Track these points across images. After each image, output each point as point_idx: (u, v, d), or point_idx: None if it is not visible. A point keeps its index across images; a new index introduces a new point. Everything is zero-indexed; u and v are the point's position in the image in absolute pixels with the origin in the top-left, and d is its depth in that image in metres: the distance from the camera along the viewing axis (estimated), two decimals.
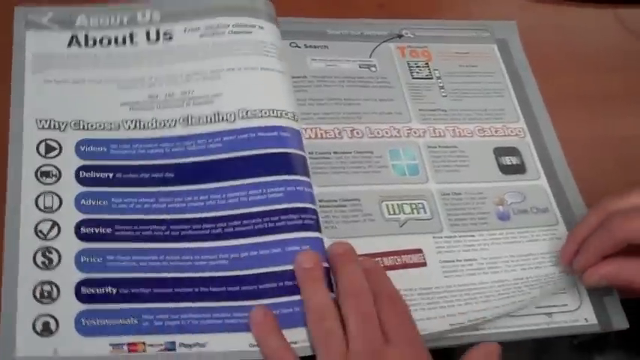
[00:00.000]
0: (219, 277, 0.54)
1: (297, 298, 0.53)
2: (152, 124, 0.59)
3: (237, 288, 0.53)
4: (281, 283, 0.54)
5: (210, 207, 0.56)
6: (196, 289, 0.53)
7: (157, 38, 0.63)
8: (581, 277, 0.58)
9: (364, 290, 0.53)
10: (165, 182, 0.57)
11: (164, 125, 0.59)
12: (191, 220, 0.55)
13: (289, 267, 0.54)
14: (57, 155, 0.57)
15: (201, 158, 0.58)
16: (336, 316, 0.52)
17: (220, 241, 0.55)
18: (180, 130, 0.59)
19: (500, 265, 0.60)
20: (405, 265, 0.59)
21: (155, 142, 0.58)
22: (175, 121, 0.59)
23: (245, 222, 0.55)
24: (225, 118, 0.59)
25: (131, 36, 0.63)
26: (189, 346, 0.51)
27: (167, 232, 0.54)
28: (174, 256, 0.54)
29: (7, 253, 0.53)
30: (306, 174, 0.58)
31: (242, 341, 0.52)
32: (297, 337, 0.52)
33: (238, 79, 0.61)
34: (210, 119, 0.59)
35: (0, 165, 0.56)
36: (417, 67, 0.70)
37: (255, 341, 0.52)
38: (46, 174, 0.56)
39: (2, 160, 0.56)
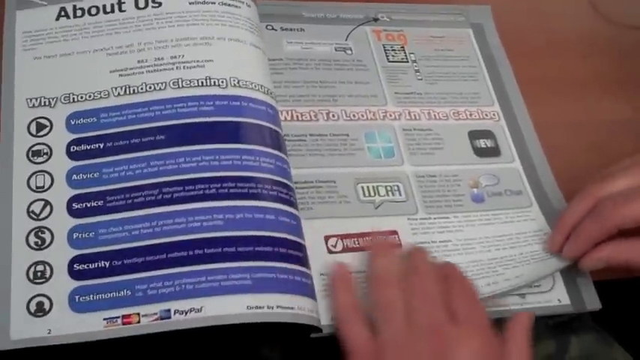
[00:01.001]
0: (214, 237, 0.54)
1: (293, 266, 0.55)
2: (142, 89, 0.59)
3: (234, 249, 0.53)
4: (276, 249, 0.54)
5: (203, 168, 0.56)
6: (191, 252, 0.53)
7: (146, 4, 0.63)
8: (578, 262, 0.59)
9: (427, 269, 0.54)
10: (156, 145, 0.57)
11: (154, 89, 0.59)
12: (184, 181, 0.55)
13: (285, 235, 0.55)
14: (48, 133, 0.57)
15: (193, 120, 0.58)
16: (399, 286, 0.53)
17: (214, 201, 0.55)
18: (170, 93, 0.59)
19: (474, 245, 0.62)
20: None
21: (145, 106, 0.58)
22: (165, 84, 0.59)
23: (239, 184, 0.56)
24: (216, 83, 0.59)
25: (119, 3, 0.63)
26: (185, 312, 0.51)
27: (159, 196, 0.55)
28: (167, 220, 0.54)
29: (0, 235, 0.54)
30: (287, 155, 0.60)
31: (239, 303, 0.52)
32: (294, 303, 0.53)
33: (229, 49, 0.62)
34: (202, 83, 0.59)
35: None
36: (393, 50, 0.71)
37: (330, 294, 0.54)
38: (37, 153, 0.57)
39: None
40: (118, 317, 0.51)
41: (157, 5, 0.63)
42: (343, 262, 0.56)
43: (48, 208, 0.55)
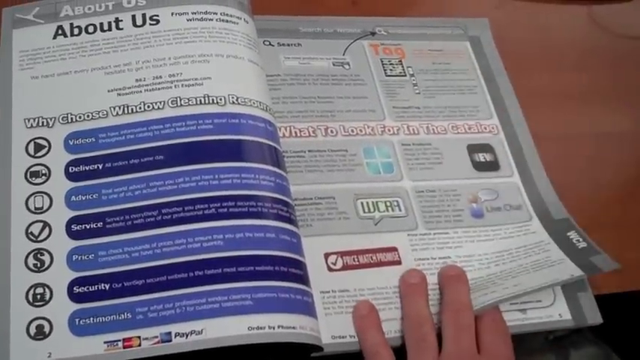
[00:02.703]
0: (214, 258, 0.54)
1: (294, 285, 0.55)
2: (140, 108, 0.59)
3: (234, 269, 0.54)
4: (277, 268, 0.55)
5: (202, 187, 0.56)
6: (191, 274, 0.53)
7: (144, 22, 0.64)
8: None
9: (466, 306, 0.57)
10: (155, 165, 0.57)
11: (152, 108, 0.59)
12: (183, 202, 0.56)
13: (285, 254, 0.56)
14: (46, 153, 0.58)
15: (192, 139, 0.58)
16: (432, 326, 0.56)
17: (214, 221, 0.55)
18: (169, 112, 0.59)
19: (473, 263, 0.62)
20: (380, 264, 0.61)
21: (144, 126, 0.59)
22: (164, 102, 0.59)
23: (239, 203, 0.56)
24: (215, 101, 0.60)
25: (117, 21, 0.64)
26: (186, 334, 0.51)
27: (159, 217, 0.55)
28: (166, 241, 0.54)
29: None
30: (286, 171, 0.60)
31: (241, 324, 0.52)
32: (295, 322, 0.53)
33: (227, 66, 0.62)
34: (200, 101, 0.60)
35: None
36: (391, 64, 0.71)
37: (356, 334, 0.56)
38: (36, 174, 0.57)
39: None
40: (119, 340, 0.51)
41: (154, 23, 0.63)
42: (365, 300, 0.58)
43: (47, 230, 0.55)
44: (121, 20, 0.63)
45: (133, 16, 0.64)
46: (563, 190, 0.66)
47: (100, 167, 0.57)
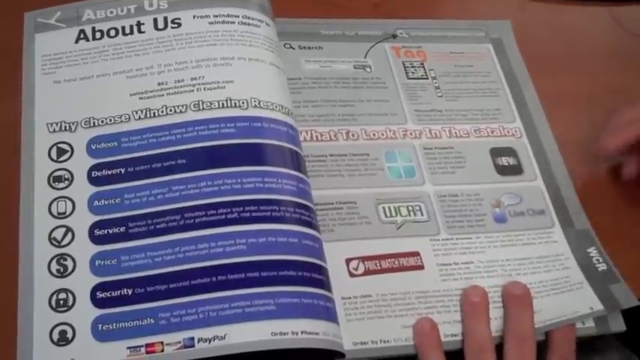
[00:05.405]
0: (237, 262, 0.54)
1: (317, 291, 0.55)
2: (162, 112, 0.60)
3: (257, 274, 0.54)
4: (300, 273, 0.55)
5: (225, 191, 0.56)
6: (214, 279, 0.54)
7: (165, 26, 0.64)
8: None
9: (530, 336, 0.57)
10: (178, 169, 0.58)
11: (174, 111, 0.60)
12: (206, 206, 0.56)
13: (308, 259, 0.56)
14: (69, 158, 0.58)
15: (215, 142, 0.59)
16: (492, 351, 0.56)
17: (237, 225, 0.55)
18: (191, 116, 0.60)
19: (496, 268, 0.62)
20: (402, 268, 0.61)
21: (166, 130, 0.59)
22: (186, 106, 0.60)
23: (262, 207, 0.56)
24: (237, 104, 0.60)
25: (139, 25, 0.64)
26: (209, 340, 0.52)
27: (182, 222, 0.56)
28: (189, 246, 0.55)
29: (22, 263, 0.55)
30: (307, 176, 0.61)
31: (264, 330, 0.52)
32: (318, 328, 0.54)
33: (249, 69, 0.62)
34: (223, 104, 0.60)
35: (13, 174, 0.58)
36: (412, 67, 0.71)
37: (416, 351, 0.56)
38: (59, 179, 0.57)
39: (16, 169, 0.58)
40: (142, 346, 0.52)
41: (176, 26, 0.64)
42: (427, 318, 0.58)
43: (70, 235, 0.55)
44: (143, 24, 0.64)
45: (155, 20, 0.64)
46: (588, 194, 0.66)
47: (123, 171, 0.58)
